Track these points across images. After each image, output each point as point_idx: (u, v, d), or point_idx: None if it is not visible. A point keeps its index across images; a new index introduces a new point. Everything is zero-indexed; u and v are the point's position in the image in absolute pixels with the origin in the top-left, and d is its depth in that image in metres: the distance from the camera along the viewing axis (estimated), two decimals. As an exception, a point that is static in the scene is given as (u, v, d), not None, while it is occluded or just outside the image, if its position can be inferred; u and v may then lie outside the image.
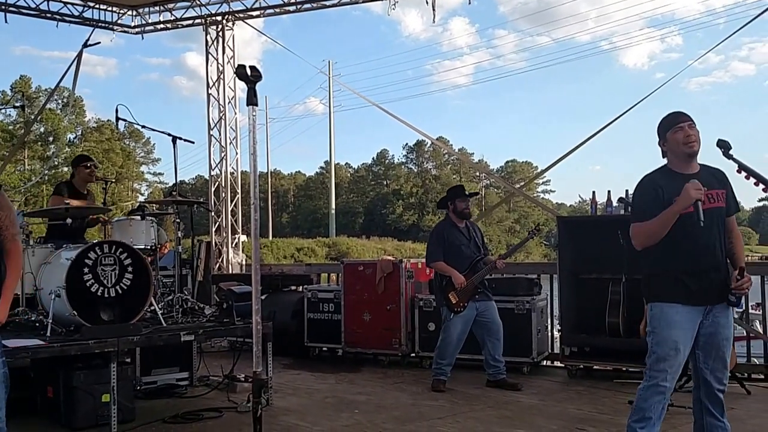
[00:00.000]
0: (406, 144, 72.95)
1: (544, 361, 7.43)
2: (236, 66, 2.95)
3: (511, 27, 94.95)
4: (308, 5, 11.00)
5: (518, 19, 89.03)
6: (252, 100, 2.99)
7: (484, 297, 6.37)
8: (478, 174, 70.15)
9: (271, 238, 49.41)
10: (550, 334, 7.57)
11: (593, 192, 6.96)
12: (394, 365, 7.53)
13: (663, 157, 3.70)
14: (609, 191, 6.93)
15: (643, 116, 3.77)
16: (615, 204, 6.82)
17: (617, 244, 5.96)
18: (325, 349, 8.29)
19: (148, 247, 6.12)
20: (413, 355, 7.55)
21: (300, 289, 8.89)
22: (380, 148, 79.59)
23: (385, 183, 73.06)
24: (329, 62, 49.02)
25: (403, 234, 61.65)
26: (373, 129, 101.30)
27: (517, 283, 7.29)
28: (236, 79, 11.71)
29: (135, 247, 5.66)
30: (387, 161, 74.65)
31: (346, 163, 77.57)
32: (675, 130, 3.56)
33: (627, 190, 6.37)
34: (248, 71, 2.99)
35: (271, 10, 11.41)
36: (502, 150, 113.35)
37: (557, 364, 7.28)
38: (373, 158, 75.46)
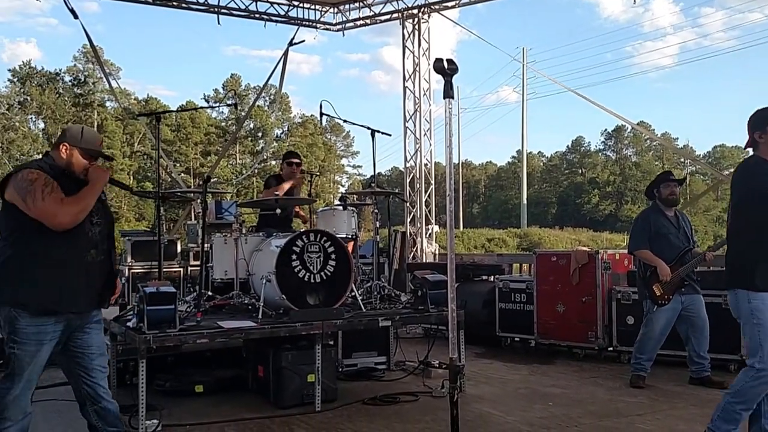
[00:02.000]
0: (605, 130, 70.05)
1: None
2: (434, 60, 2.99)
3: (718, 4, 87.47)
4: (502, -9, 10.94)
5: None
6: (448, 93, 3.01)
7: (691, 290, 5.99)
8: (682, 160, 65.61)
9: (461, 228, 49.69)
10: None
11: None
12: (590, 359, 7.30)
13: (749, 147, 3.90)
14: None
15: None
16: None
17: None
18: (516, 339, 8.21)
19: (349, 236, 6.43)
20: (610, 349, 7.26)
21: (491, 279, 8.89)
22: (575, 135, 77.05)
23: (580, 171, 70.60)
24: (523, 49, 48.28)
25: (599, 224, 59.27)
26: (567, 116, 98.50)
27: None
28: (431, 71, 12.04)
29: (337, 235, 5.93)
30: (582, 149, 72.07)
31: (539, 152, 76.15)
32: None
33: None
34: (445, 64, 3.04)
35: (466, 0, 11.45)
36: (709, 134, 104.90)
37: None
38: (567, 146, 73.38)
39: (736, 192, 3.92)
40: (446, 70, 3.03)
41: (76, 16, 10.49)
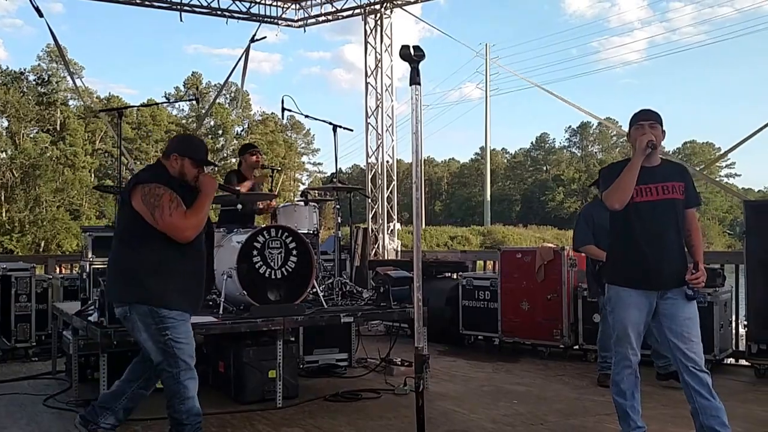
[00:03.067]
0: (569, 127, 70.49)
1: (728, 359, 6.83)
2: (400, 47, 2.96)
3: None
4: (467, -13, 10.95)
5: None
6: (415, 79, 3.01)
7: None
8: (651, 156, 66.48)
9: (424, 226, 49.80)
10: (734, 329, 6.99)
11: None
12: (555, 357, 7.28)
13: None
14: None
15: None
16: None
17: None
18: (480, 337, 8.18)
19: (311, 232, 6.33)
20: (576, 347, 7.25)
21: (454, 276, 8.85)
22: (539, 132, 77.47)
23: (544, 168, 71.10)
24: (486, 45, 48.55)
25: (563, 222, 59.71)
26: (531, 112, 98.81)
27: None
28: (393, 67, 11.98)
29: (299, 231, 5.83)
30: (547, 145, 72.51)
31: (503, 149, 76.32)
32: (636, 127, 3.89)
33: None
34: (411, 51, 3.00)
35: (429, -6, 11.44)
36: (679, 130, 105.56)
37: (742, 362, 6.71)
38: (531, 143, 73.62)
39: None
40: (412, 56, 3.00)
41: (41, 15, 10.45)
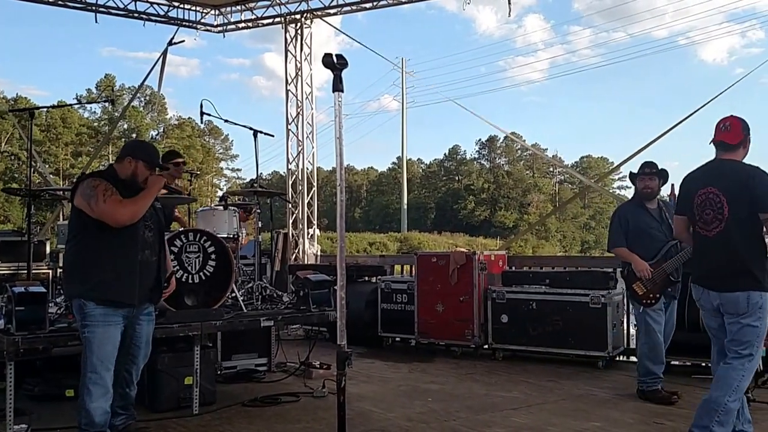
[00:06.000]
0: (479, 140, 72.63)
1: (620, 356, 7.26)
2: (323, 55, 3.05)
3: (585, 23, 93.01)
4: (384, 1, 11.13)
5: (593, 14, 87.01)
6: (338, 86, 3.10)
7: (675, 291, 5.55)
8: (552, 169, 69.21)
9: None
10: (626, 329, 7.37)
11: (672, 185, 6.70)
12: (467, 356, 7.54)
13: (735, 154, 4.12)
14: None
15: (723, 112, 3.97)
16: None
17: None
18: (398, 339, 8.37)
19: (231, 236, 6.31)
20: (486, 346, 7.54)
21: (373, 279, 9.00)
22: (452, 144, 79.23)
23: (456, 178, 72.70)
24: (402, 59, 49.43)
25: (474, 229, 61.22)
26: (445, 125, 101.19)
27: (592, 276, 7.17)
28: (313, 76, 12.02)
29: (218, 235, 5.82)
30: (459, 157, 74.30)
31: (418, 159, 77.66)
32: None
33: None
34: (334, 59, 3.11)
35: (348, 8, 11.60)
36: (576, 146, 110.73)
37: (633, 359, 7.12)
38: (444, 154, 75.33)
39: (756, 198, 3.89)
40: (335, 64, 3.09)
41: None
